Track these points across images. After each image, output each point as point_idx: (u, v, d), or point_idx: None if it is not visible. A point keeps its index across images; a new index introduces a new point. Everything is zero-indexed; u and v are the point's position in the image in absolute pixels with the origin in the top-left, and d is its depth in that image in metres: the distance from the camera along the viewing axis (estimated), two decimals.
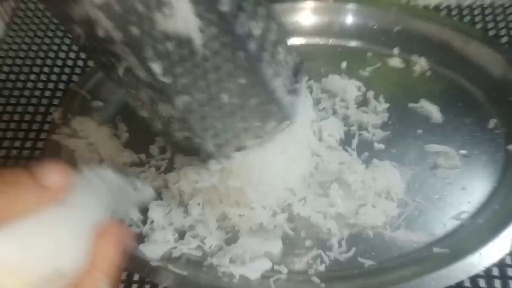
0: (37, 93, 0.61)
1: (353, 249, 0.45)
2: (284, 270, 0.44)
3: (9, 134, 0.57)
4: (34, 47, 0.65)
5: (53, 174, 0.25)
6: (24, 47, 0.65)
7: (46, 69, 0.63)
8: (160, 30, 0.30)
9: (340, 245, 0.45)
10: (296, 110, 0.39)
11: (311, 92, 0.55)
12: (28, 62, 0.64)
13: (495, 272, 0.44)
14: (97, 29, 0.30)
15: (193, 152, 0.40)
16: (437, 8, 0.63)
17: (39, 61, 0.64)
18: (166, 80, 0.32)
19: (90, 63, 0.62)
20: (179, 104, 0.34)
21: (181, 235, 0.46)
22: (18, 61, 0.64)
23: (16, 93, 0.61)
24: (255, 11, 0.34)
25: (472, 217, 0.46)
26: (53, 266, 0.24)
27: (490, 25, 0.61)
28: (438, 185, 0.48)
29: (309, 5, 0.60)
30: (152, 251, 0.44)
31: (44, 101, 0.60)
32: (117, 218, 0.46)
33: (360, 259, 0.44)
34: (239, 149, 0.40)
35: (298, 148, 0.47)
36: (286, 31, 0.41)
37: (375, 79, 0.56)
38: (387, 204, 0.46)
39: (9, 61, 0.64)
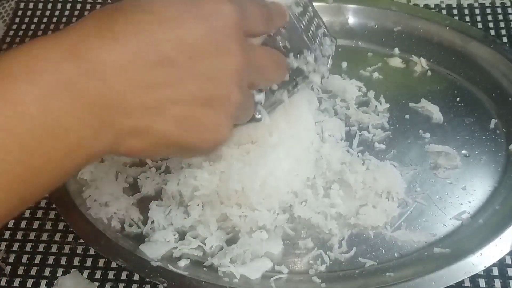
0: None
1: (354, 249, 0.45)
2: (285, 270, 0.44)
3: None
4: None
5: None
6: None
7: None
8: None
9: (340, 245, 0.45)
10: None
11: None
12: None
13: (495, 272, 0.44)
14: None
15: None
16: (437, 8, 0.63)
17: None
18: None
19: None
20: None
21: (182, 235, 0.46)
22: None
23: None
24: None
25: (473, 217, 0.46)
26: None
27: (490, 25, 0.60)
28: (439, 185, 0.48)
29: None
30: (153, 251, 0.44)
31: None
32: (118, 219, 0.47)
33: (361, 259, 0.44)
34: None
35: (302, 151, 0.47)
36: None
37: (375, 79, 0.56)
38: (387, 204, 0.46)
39: None
